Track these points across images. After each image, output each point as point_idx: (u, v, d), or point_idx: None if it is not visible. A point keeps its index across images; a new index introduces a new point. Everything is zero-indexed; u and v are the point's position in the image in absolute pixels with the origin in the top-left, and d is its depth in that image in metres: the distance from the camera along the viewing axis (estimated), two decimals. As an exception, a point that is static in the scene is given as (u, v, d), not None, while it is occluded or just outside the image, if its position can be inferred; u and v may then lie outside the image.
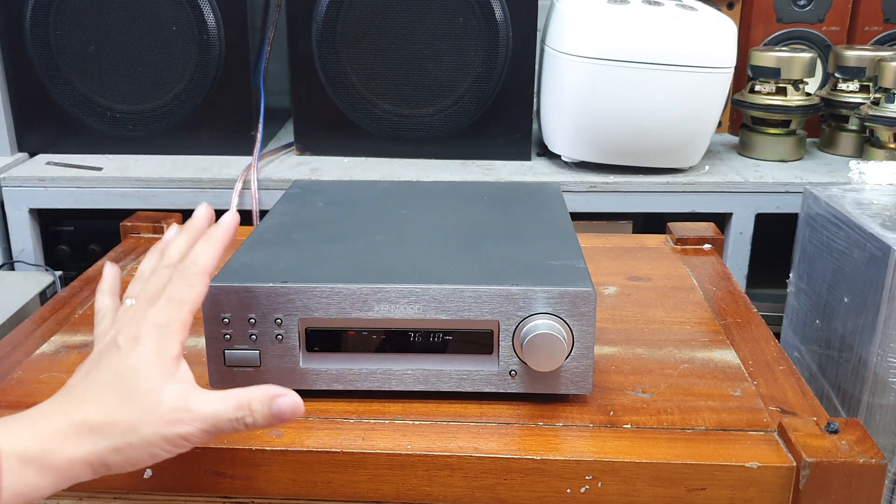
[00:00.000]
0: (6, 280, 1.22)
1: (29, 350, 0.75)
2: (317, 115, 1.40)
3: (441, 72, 1.36)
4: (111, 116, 1.40)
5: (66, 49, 1.37)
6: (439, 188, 0.90)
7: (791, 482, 0.58)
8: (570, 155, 1.36)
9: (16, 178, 1.33)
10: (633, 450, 0.60)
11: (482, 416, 0.64)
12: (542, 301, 0.62)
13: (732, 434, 0.62)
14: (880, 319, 0.95)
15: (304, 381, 0.65)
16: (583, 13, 1.28)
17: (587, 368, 0.63)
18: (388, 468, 0.60)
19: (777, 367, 0.72)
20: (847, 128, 1.48)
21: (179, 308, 0.54)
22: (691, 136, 1.32)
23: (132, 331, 0.53)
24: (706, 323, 0.80)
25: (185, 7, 1.34)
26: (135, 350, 0.52)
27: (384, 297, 0.63)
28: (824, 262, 1.09)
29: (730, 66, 1.28)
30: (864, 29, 1.55)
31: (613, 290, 0.87)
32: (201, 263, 0.56)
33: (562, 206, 0.83)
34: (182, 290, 0.55)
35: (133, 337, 0.53)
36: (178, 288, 0.55)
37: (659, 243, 1.01)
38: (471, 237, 0.73)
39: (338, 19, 1.34)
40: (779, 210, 1.34)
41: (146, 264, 0.61)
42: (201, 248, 0.57)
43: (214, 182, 1.32)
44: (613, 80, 1.26)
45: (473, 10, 1.33)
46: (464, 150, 1.41)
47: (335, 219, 0.79)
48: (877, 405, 0.97)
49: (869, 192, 1.12)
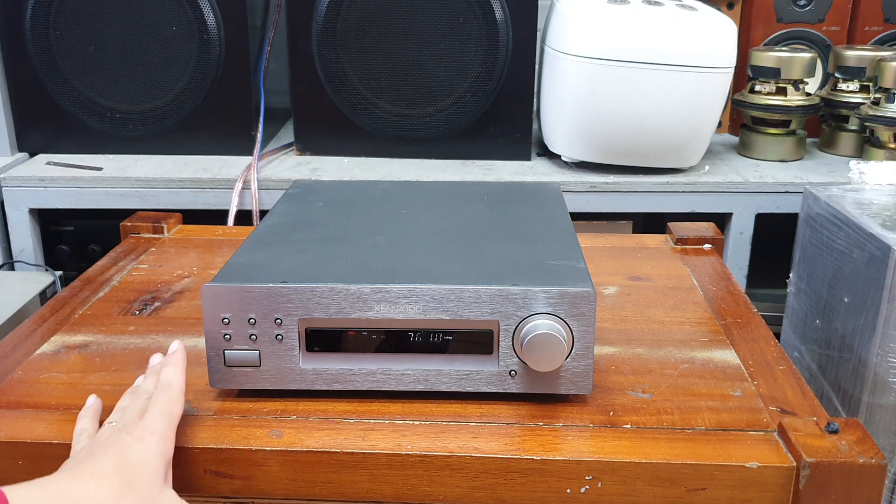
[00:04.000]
0: (6, 280, 1.22)
1: (29, 350, 0.75)
2: (317, 115, 1.40)
3: (441, 72, 1.36)
4: (111, 116, 1.40)
5: (66, 49, 1.37)
6: (439, 188, 0.90)
7: (791, 482, 0.58)
8: (570, 155, 1.36)
9: (16, 178, 1.33)
10: (633, 450, 0.60)
11: (482, 416, 0.64)
12: (542, 301, 0.62)
13: (732, 434, 0.62)
14: (880, 319, 0.95)
15: (303, 382, 0.65)
16: (583, 13, 1.28)
17: (587, 368, 0.63)
18: (388, 468, 0.60)
19: (777, 367, 0.72)
20: (847, 128, 1.48)
21: (168, 418, 0.59)
22: (691, 136, 1.32)
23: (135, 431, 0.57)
24: (706, 323, 0.80)
25: (185, 7, 1.34)
26: (140, 446, 0.56)
27: (384, 297, 0.63)
28: (824, 262, 1.09)
29: (730, 66, 1.28)
30: (864, 29, 1.55)
31: (613, 290, 0.87)
32: (176, 384, 0.61)
33: (562, 206, 0.83)
34: (166, 403, 0.59)
35: (138, 436, 0.56)
36: (162, 401, 0.59)
37: (659, 243, 1.01)
38: (471, 237, 0.73)
39: (338, 19, 1.34)
40: (779, 210, 1.34)
41: (121, 402, 0.63)
42: (168, 371, 0.62)
43: (214, 182, 1.32)
44: (613, 80, 1.25)
45: (473, 11, 1.33)
46: (464, 150, 1.41)
47: (335, 219, 0.79)
48: (877, 405, 0.97)
49: (869, 192, 1.12)
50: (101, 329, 0.79)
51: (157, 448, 0.56)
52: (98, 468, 0.53)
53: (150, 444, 0.56)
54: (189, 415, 0.64)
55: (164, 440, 0.57)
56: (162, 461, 0.56)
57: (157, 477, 0.55)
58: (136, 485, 0.54)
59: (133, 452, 0.55)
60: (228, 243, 1.02)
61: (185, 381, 0.63)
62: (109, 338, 0.78)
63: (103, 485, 0.52)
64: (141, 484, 0.54)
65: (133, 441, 0.56)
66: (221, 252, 0.99)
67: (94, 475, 0.53)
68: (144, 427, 0.57)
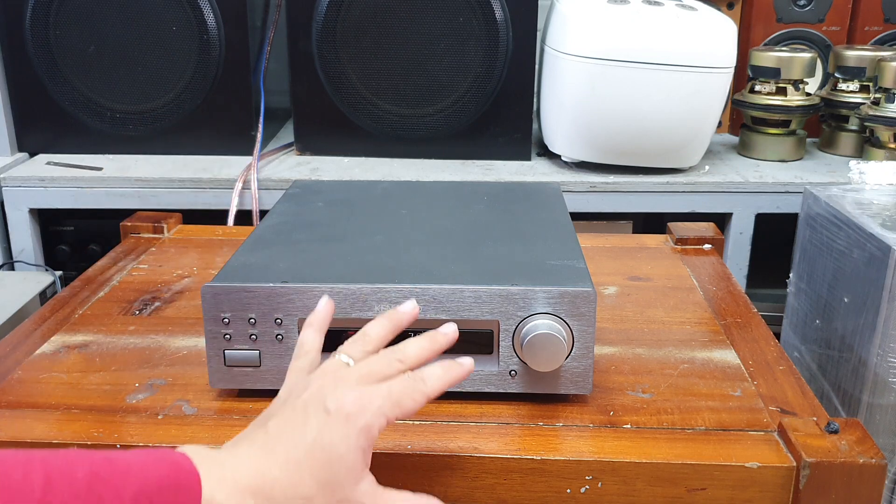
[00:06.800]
0: (6, 280, 1.22)
1: (29, 350, 0.75)
2: (317, 115, 1.40)
3: (441, 72, 1.36)
4: (111, 116, 1.40)
5: (66, 49, 1.37)
6: (439, 188, 0.90)
7: (791, 482, 0.58)
8: (570, 155, 1.36)
9: (16, 178, 1.33)
10: (633, 450, 0.60)
11: (482, 416, 0.64)
12: (542, 301, 0.62)
13: (732, 434, 0.62)
14: (880, 319, 0.95)
15: (304, 381, 0.65)
16: (583, 13, 1.28)
17: (587, 368, 0.63)
18: (388, 468, 0.60)
19: (777, 367, 0.72)
20: (847, 128, 1.48)
21: (393, 409, 0.51)
22: (691, 136, 1.32)
23: (344, 402, 0.51)
24: (706, 323, 0.80)
25: (185, 7, 1.34)
26: (344, 428, 0.50)
27: (384, 297, 0.63)
28: (824, 262, 1.09)
29: (730, 66, 1.28)
30: (864, 29, 1.55)
31: (613, 290, 0.87)
32: (431, 388, 0.54)
33: (562, 206, 0.83)
34: (405, 396, 0.52)
35: (345, 412, 0.50)
36: (403, 390, 0.52)
37: (659, 243, 1.01)
38: (471, 237, 0.73)
39: (338, 19, 1.34)
40: (779, 210, 1.34)
41: (375, 328, 0.57)
42: (438, 374, 0.54)
43: (214, 182, 1.32)
44: (613, 80, 1.25)
45: (473, 10, 1.33)
46: (464, 150, 1.41)
47: (335, 219, 0.79)
48: (877, 405, 0.97)
49: (869, 192, 1.12)
50: (101, 329, 0.79)
51: (362, 435, 0.50)
52: (293, 454, 0.49)
53: (354, 431, 0.49)
54: (189, 415, 0.64)
55: (372, 427, 0.50)
56: (363, 449, 0.50)
57: (354, 468, 0.49)
58: (333, 480, 0.49)
59: (330, 436, 0.49)
60: (228, 243, 1.02)
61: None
62: (109, 338, 0.78)
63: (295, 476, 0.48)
64: (336, 479, 0.49)
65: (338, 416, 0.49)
66: (221, 252, 0.99)
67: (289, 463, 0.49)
68: (365, 397, 0.50)
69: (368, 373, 0.53)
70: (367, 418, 0.50)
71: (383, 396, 0.51)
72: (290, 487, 0.48)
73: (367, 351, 0.55)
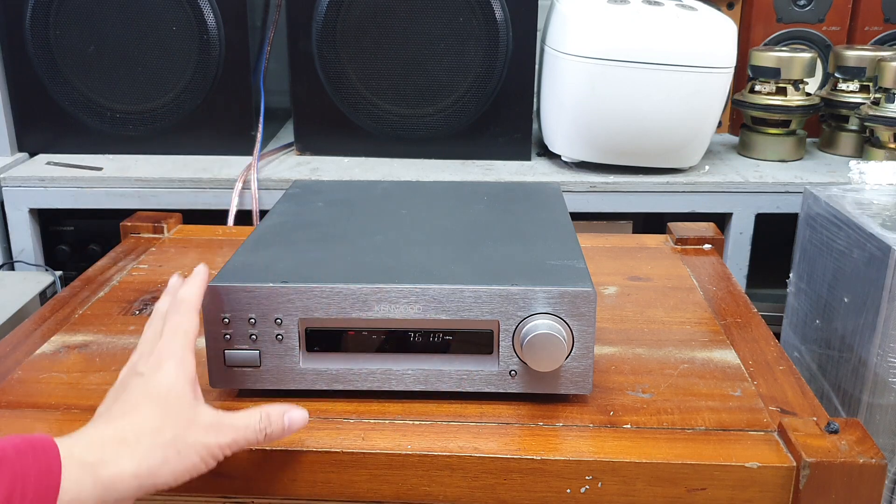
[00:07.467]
0: (6, 280, 1.22)
1: (29, 350, 0.75)
2: (317, 115, 1.40)
3: (441, 72, 1.36)
4: (111, 116, 1.40)
5: (66, 49, 1.37)
6: (439, 188, 0.90)
7: (791, 482, 0.58)
8: (570, 155, 1.36)
9: (16, 178, 1.33)
10: (633, 450, 0.60)
11: (482, 416, 0.64)
12: (542, 301, 0.62)
13: (732, 434, 0.62)
14: (880, 319, 0.95)
15: (303, 381, 0.65)
16: (583, 13, 1.28)
17: (587, 368, 0.63)
18: (388, 468, 0.60)
19: (777, 367, 0.72)
20: (847, 128, 1.48)
21: (184, 336, 0.58)
22: (691, 136, 1.32)
23: (150, 360, 0.57)
24: (706, 323, 0.80)
25: (185, 7, 1.34)
26: (159, 373, 0.56)
27: (384, 297, 0.63)
28: (824, 262, 1.09)
29: (730, 66, 1.28)
30: (864, 29, 1.55)
31: (613, 290, 0.87)
32: (188, 300, 0.61)
33: (562, 206, 0.83)
34: (178, 321, 0.59)
35: (154, 364, 0.56)
36: (175, 321, 0.59)
37: (659, 243, 1.01)
38: (471, 237, 0.73)
39: (338, 19, 1.34)
40: (779, 210, 1.34)
41: (144, 332, 0.63)
42: (184, 289, 0.62)
43: (214, 182, 1.32)
44: (613, 80, 1.25)
45: (473, 11, 1.33)
46: (464, 150, 1.41)
47: (335, 219, 0.79)
48: (877, 405, 0.97)
49: (869, 192, 1.12)
50: (101, 329, 0.79)
51: (176, 371, 0.56)
52: (127, 406, 0.54)
53: (168, 369, 0.56)
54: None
55: (182, 361, 0.57)
56: (186, 381, 0.56)
57: (185, 397, 0.55)
58: (170, 410, 0.54)
59: (153, 382, 0.55)
60: (228, 243, 1.02)
61: None
62: (109, 338, 0.78)
63: (137, 418, 0.53)
64: (173, 408, 0.54)
65: (151, 371, 0.56)
66: (221, 252, 0.99)
67: (126, 413, 0.54)
68: (159, 353, 0.57)
69: (149, 340, 0.60)
70: (171, 356, 0.57)
71: (168, 336, 0.58)
72: (139, 424, 0.53)
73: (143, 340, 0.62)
